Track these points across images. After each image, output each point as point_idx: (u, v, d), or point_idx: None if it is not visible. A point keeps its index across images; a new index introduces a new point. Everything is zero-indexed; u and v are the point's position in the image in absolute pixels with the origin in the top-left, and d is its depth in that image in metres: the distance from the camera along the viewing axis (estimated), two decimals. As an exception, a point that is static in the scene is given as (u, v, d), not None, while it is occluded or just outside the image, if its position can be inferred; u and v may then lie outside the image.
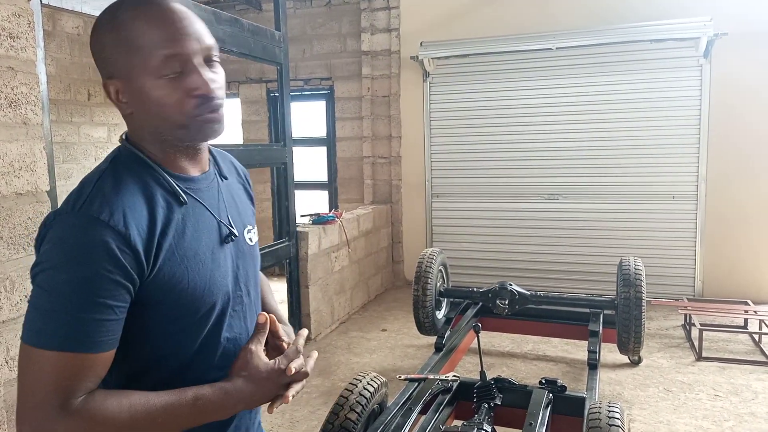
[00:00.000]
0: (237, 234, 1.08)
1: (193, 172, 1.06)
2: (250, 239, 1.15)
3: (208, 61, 0.99)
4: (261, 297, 1.22)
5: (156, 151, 1.01)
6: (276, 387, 1.03)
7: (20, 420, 0.88)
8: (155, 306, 0.96)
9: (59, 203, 2.20)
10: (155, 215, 0.95)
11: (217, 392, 0.98)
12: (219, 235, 1.05)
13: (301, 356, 1.07)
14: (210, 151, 1.13)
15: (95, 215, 0.89)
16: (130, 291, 0.92)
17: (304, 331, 1.12)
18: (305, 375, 1.06)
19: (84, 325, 0.88)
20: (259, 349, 1.04)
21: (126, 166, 0.99)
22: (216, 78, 0.99)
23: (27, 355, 0.88)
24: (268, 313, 1.10)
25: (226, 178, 1.14)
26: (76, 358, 0.88)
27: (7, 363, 1.89)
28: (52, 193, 2.06)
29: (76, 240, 0.89)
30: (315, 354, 1.12)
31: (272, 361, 1.04)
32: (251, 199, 1.25)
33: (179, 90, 0.95)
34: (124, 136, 1.05)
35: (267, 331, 1.07)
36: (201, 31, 0.98)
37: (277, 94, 4.20)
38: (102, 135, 6.64)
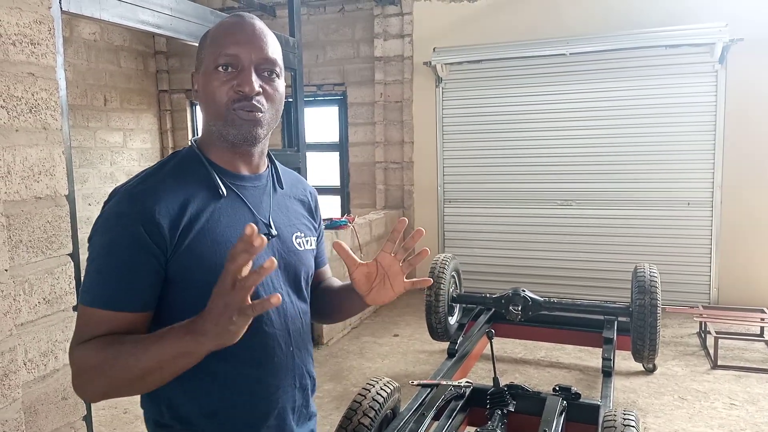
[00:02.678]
0: (275, 233, 1.15)
1: (243, 171, 1.15)
2: (299, 244, 1.20)
3: (267, 74, 1.10)
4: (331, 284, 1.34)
5: (213, 147, 1.13)
6: (222, 299, 0.87)
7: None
8: (183, 284, 1.04)
9: (77, 207, 2.23)
10: (190, 199, 1.06)
11: (181, 322, 0.94)
12: None
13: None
14: (273, 162, 1.24)
15: (132, 191, 1.04)
16: (153, 262, 1.01)
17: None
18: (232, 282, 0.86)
19: (105, 286, 1.00)
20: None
21: (180, 160, 1.13)
22: (267, 87, 1.09)
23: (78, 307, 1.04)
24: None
25: (282, 188, 1.23)
26: (98, 314, 1.00)
27: (25, 365, 1.91)
28: (70, 197, 2.08)
29: (110, 212, 1.03)
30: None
31: None
32: (313, 216, 1.31)
33: (227, 85, 1.07)
34: (193, 139, 1.18)
35: (246, 248, 0.85)
36: (266, 45, 1.09)
37: (290, 100, 4.22)
38: (118, 140, 6.71)
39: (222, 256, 1.02)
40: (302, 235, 1.22)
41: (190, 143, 1.17)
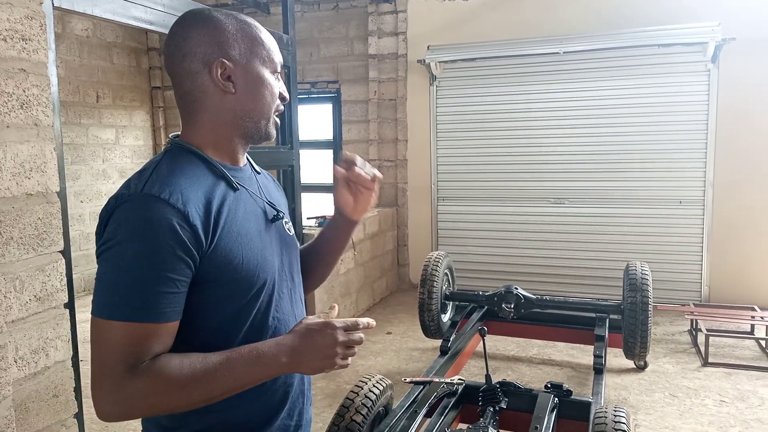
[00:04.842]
0: (282, 213, 1.20)
1: (239, 164, 1.17)
2: (288, 229, 1.24)
3: None
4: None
5: (208, 143, 1.11)
6: (327, 344, 1.01)
7: (95, 385, 0.96)
8: (212, 284, 1.03)
9: (69, 204, 2.21)
10: (211, 196, 1.04)
11: (270, 343, 1.03)
12: (265, 217, 1.15)
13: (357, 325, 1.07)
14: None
15: (156, 195, 0.97)
16: (190, 266, 0.98)
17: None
18: (360, 340, 1.05)
19: (149, 297, 0.95)
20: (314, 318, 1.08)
21: (180, 156, 1.08)
22: None
23: (98, 327, 0.96)
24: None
25: (258, 173, 1.25)
26: (142, 328, 0.95)
27: (15, 362, 1.90)
28: (61, 194, 2.07)
29: (140, 217, 0.96)
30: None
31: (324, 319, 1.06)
32: (282, 194, 1.34)
33: (276, 89, 1.15)
34: (172, 137, 1.14)
35: (334, 316, 1.08)
36: None
37: (284, 97, 4.18)
38: (110, 137, 6.68)
39: (245, 248, 1.06)
40: (288, 220, 1.26)
41: (172, 142, 1.12)
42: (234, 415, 1.09)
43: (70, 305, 2.08)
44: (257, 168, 1.26)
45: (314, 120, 6.91)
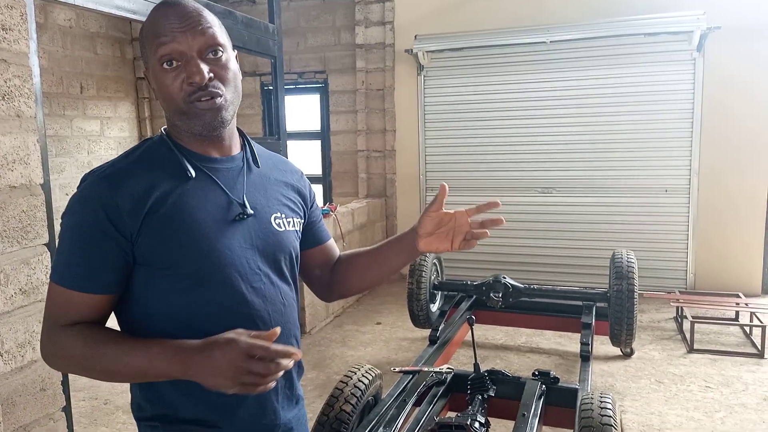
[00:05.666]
0: (250, 213, 1.13)
1: (214, 154, 1.15)
2: (278, 225, 1.19)
3: (212, 54, 1.08)
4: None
5: (183, 135, 1.13)
6: (223, 364, 0.93)
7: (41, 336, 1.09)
8: (153, 266, 1.06)
9: (54, 197, 2.19)
10: (156, 184, 1.06)
11: (178, 343, 1.01)
12: (229, 210, 1.12)
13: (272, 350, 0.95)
14: (248, 142, 1.24)
15: (98, 175, 1.07)
16: (113, 245, 1.03)
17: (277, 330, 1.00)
18: (267, 371, 0.94)
19: (70, 266, 1.04)
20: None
21: (150, 146, 1.14)
22: (217, 70, 1.07)
23: (48, 287, 1.09)
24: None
25: (258, 167, 1.21)
26: (64, 293, 1.04)
27: (1, 356, 1.89)
28: (45, 186, 2.05)
29: (77, 195, 1.06)
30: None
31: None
32: (303, 196, 1.30)
33: (178, 79, 1.06)
34: (164, 128, 1.18)
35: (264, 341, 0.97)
36: (202, 27, 1.06)
37: (271, 88, 4.19)
38: (95, 128, 6.60)
39: (191, 237, 1.05)
40: (282, 216, 1.20)
41: (161, 132, 1.17)
42: (188, 403, 1.09)
43: (56, 298, 2.07)
44: (259, 162, 1.22)
45: (302, 111, 6.88)
